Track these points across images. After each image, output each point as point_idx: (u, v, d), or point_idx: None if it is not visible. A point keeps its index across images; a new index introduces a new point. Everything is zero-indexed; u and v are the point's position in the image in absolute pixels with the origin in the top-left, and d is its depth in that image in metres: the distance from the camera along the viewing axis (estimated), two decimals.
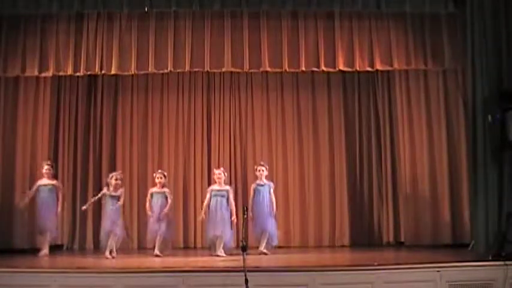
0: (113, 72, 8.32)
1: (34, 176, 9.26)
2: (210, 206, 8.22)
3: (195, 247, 9.49)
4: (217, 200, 8.21)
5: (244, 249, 5.48)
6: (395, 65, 8.40)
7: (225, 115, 10.14)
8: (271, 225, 8.36)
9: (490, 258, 6.87)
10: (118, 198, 8.22)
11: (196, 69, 8.59)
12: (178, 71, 8.67)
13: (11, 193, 9.14)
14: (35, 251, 8.61)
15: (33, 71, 8.26)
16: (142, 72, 8.45)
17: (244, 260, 5.28)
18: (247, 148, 10.11)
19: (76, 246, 9.67)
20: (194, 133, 10.10)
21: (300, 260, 7.94)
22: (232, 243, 8.23)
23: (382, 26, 8.37)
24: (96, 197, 8.54)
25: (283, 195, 9.72)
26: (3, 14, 8.03)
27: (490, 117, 7.45)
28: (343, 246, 8.93)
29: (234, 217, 8.24)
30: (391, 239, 9.68)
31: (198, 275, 6.46)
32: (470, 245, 7.78)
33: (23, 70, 8.25)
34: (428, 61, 8.35)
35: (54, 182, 8.67)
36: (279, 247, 9.19)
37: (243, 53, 8.26)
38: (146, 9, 7.95)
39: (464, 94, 8.12)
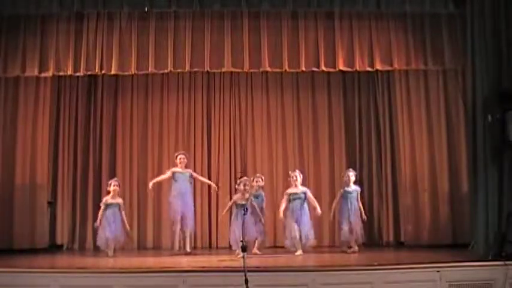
0: (113, 72, 8.30)
1: (34, 175, 9.29)
2: (289, 211, 8.29)
3: (195, 247, 9.49)
4: (295, 204, 8.28)
5: (244, 249, 5.48)
6: (395, 65, 8.38)
7: (225, 115, 10.14)
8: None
9: (490, 258, 6.88)
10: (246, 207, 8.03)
11: (196, 69, 8.58)
12: (178, 71, 8.66)
13: (11, 193, 9.13)
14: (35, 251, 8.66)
15: (33, 71, 8.24)
16: (142, 72, 8.44)
17: (244, 260, 5.28)
18: (247, 148, 10.11)
19: (76, 246, 9.67)
20: (194, 133, 10.10)
21: (300, 260, 7.93)
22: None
23: (382, 26, 8.36)
24: (228, 206, 8.47)
25: (283, 195, 9.70)
26: (3, 14, 8.01)
27: (490, 117, 7.45)
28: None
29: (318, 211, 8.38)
30: (391, 239, 9.69)
31: (198, 275, 6.47)
32: (470, 245, 7.77)
33: (23, 70, 8.23)
34: (428, 61, 8.33)
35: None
36: (280, 247, 9.21)
37: (243, 53, 8.25)
38: (146, 9, 7.95)
39: (464, 94, 8.10)
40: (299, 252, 8.18)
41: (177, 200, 8.48)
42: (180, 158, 8.60)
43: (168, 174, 8.65)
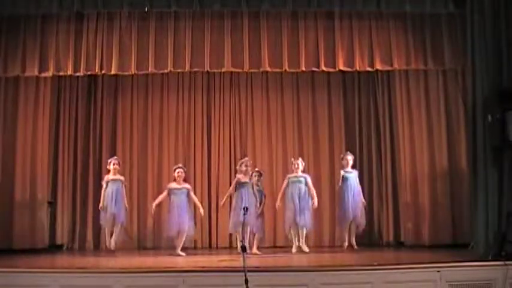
0: (113, 72, 8.31)
1: (34, 176, 9.28)
2: (288, 194, 8.44)
3: (195, 247, 9.49)
4: (295, 187, 8.42)
5: (244, 249, 5.48)
6: (395, 65, 8.38)
7: (225, 115, 10.15)
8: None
9: (490, 258, 6.87)
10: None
11: (196, 69, 8.58)
12: (178, 71, 8.67)
13: (11, 193, 9.13)
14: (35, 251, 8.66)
15: (33, 71, 8.24)
16: (142, 72, 8.44)
17: (244, 260, 5.28)
18: (247, 148, 10.11)
19: (76, 246, 9.66)
20: (194, 133, 10.11)
21: (300, 260, 7.94)
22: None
23: (382, 26, 8.36)
24: (232, 186, 8.57)
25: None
26: (3, 14, 8.01)
27: (490, 117, 7.45)
28: (343, 246, 8.93)
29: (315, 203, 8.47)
30: (391, 239, 9.69)
31: (198, 275, 6.47)
32: (470, 245, 7.77)
33: (23, 70, 8.23)
34: (428, 61, 8.34)
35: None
36: (279, 247, 9.22)
37: (243, 53, 8.25)
38: (146, 9, 7.95)
39: (464, 94, 8.10)
40: (294, 248, 8.26)
41: (173, 215, 8.36)
42: (178, 172, 8.47)
43: (166, 192, 8.51)
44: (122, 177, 8.63)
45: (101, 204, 8.43)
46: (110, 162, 8.62)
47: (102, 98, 10.08)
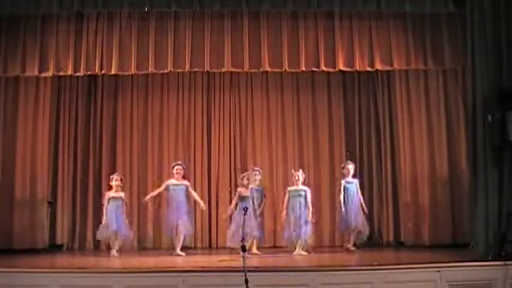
0: (113, 72, 8.30)
1: (34, 176, 9.29)
2: (288, 208, 8.44)
3: (195, 247, 9.49)
4: (295, 200, 8.40)
5: (244, 249, 5.48)
6: (395, 65, 8.38)
7: (225, 115, 10.15)
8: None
9: (490, 258, 6.87)
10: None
11: (196, 69, 8.59)
12: (178, 71, 8.67)
13: (11, 193, 9.13)
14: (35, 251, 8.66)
15: (33, 71, 8.24)
16: (142, 72, 8.44)
17: (244, 260, 5.28)
18: (247, 148, 10.11)
19: (76, 246, 9.66)
20: (194, 133, 10.10)
21: (300, 260, 7.94)
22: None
23: (382, 26, 8.36)
24: (234, 201, 8.55)
25: (283, 195, 9.69)
26: (3, 14, 8.01)
27: (490, 117, 7.45)
28: (343, 246, 8.94)
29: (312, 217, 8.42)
30: (391, 239, 9.69)
31: (198, 275, 6.47)
32: (470, 245, 7.77)
33: (23, 70, 8.23)
34: (428, 61, 8.34)
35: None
36: (279, 247, 9.21)
37: (243, 53, 8.25)
38: (146, 9, 7.95)
39: (464, 94, 8.10)
40: (296, 251, 8.27)
41: (171, 213, 8.40)
42: (176, 169, 8.51)
43: (162, 187, 8.57)
44: (122, 194, 8.56)
45: (103, 222, 8.39)
46: (112, 179, 8.56)
47: (102, 98, 10.08)
